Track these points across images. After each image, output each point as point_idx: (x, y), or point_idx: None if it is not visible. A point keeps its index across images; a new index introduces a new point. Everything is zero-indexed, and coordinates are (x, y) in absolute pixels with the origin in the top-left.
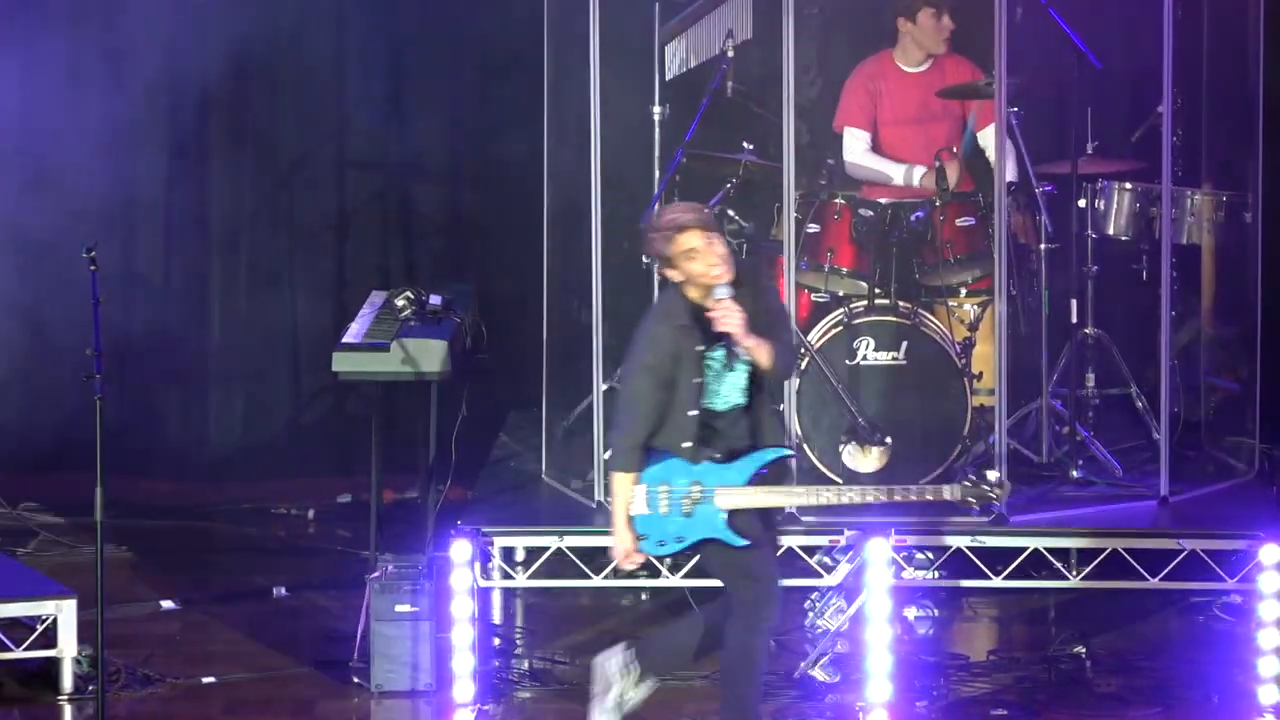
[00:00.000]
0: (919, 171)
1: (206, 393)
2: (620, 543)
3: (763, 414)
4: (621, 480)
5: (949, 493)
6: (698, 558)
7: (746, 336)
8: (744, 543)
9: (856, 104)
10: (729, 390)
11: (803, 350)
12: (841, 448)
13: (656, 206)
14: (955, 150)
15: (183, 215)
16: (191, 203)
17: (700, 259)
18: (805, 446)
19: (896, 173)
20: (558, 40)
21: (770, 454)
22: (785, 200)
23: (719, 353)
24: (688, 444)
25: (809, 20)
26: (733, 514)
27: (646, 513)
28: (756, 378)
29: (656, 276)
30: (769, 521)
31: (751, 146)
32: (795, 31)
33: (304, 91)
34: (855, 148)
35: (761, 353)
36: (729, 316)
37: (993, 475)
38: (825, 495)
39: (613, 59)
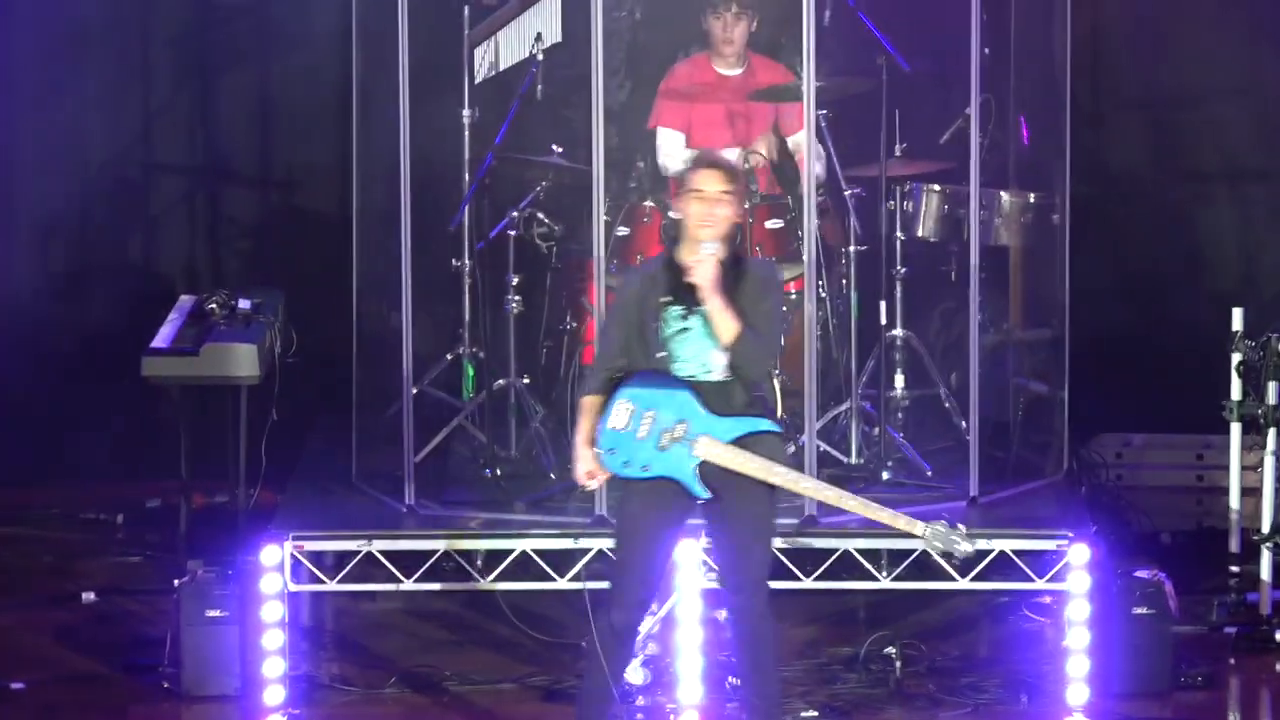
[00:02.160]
0: (746, 150)
1: (15, 395)
2: (581, 464)
3: (749, 394)
4: (583, 404)
5: (920, 529)
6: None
7: (714, 295)
8: (706, 495)
9: (671, 105)
10: (700, 355)
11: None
12: None
13: (465, 209)
14: (764, 152)
15: None
16: None
17: (699, 204)
18: None
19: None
20: (366, 41)
21: (763, 424)
22: (595, 204)
23: (680, 307)
24: None
25: (618, 23)
26: (705, 465)
27: (625, 430)
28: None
29: (465, 279)
30: (747, 498)
31: (561, 150)
32: (604, 34)
33: (110, 92)
34: (669, 148)
35: (724, 322)
36: (702, 265)
37: (962, 528)
38: (804, 484)
39: (422, 61)
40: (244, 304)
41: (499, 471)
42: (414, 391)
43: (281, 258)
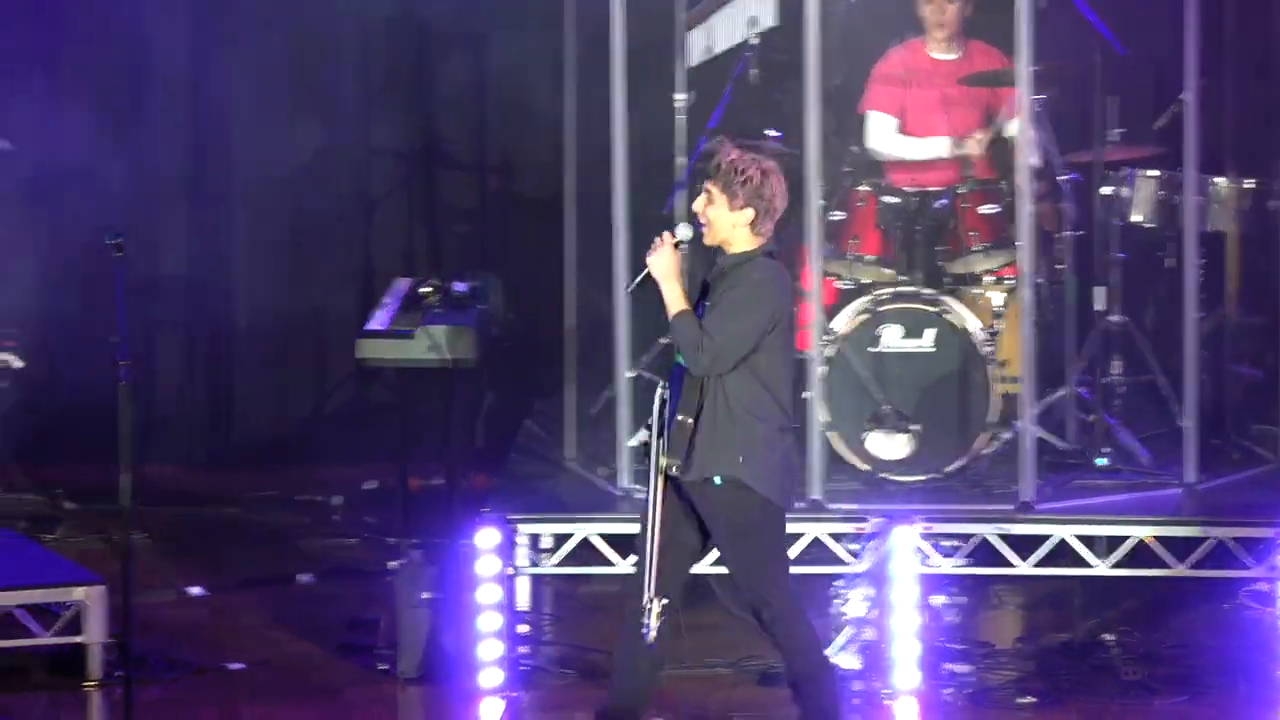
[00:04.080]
0: (946, 142)
1: (232, 379)
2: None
3: (712, 397)
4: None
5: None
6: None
7: (665, 279)
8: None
9: (883, 89)
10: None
11: (827, 338)
12: (866, 435)
13: (677, 194)
14: (980, 138)
15: (205, 202)
16: (216, 190)
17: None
18: (831, 434)
19: (923, 148)
20: (581, 25)
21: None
22: (809, 187)
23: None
24: None
25: (833, 6)
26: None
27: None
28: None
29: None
30: (707, 513)
31: (776, 134)
32: (820, 18)
33: (331, 78)
34: (880, 132)
35: (667, 299)
36: (658, 250)
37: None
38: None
39: (636, 46)
40: (459, 287)
41: None
42: (628, 375)
43: (497, 242)
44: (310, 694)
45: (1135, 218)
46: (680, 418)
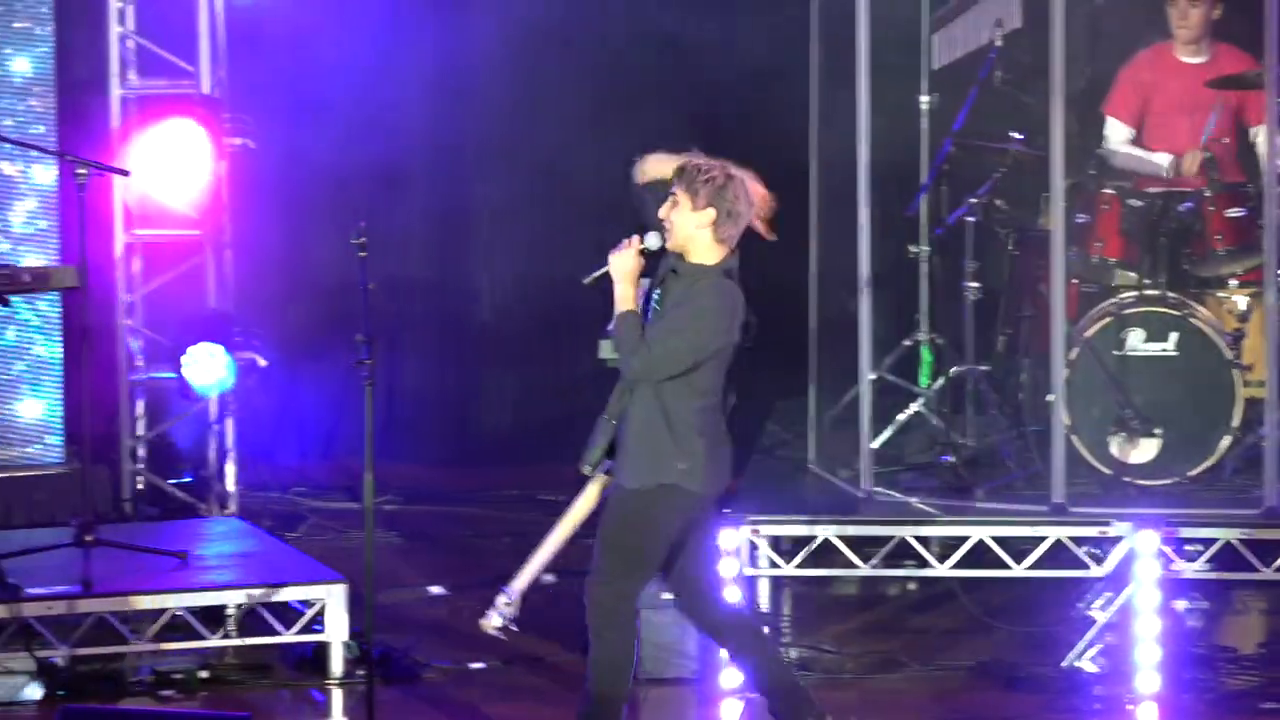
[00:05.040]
0: (1179, 159)
1: (476, 378)
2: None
3: (642, 403)
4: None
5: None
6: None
7: (621, 280)
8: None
9: (1124, 94)
10: None
11: (1070, 342)
12: (1110, 439)
13: (923, 195)
14: (1227, 141)
15: (447, 204)
16: (457, 190)
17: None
18: (1074, 438)
19: (1158, 163)
20: (826, 25)
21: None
22: (1053, 190)
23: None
24: None
25: (1079, 8)
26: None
27: None
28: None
29: (922, 265)
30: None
31: (1020, 136)
32: (1065, 20)
33: (570, 85)
34: (1114, 137)
35: (617, 298)
36: (622, 250)
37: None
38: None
39: (880, 47)
40: None
41: (957, 458)
42: (871, 377)
43: (739, 244)
44: (553, 693)
45: None
46: (605, 416)
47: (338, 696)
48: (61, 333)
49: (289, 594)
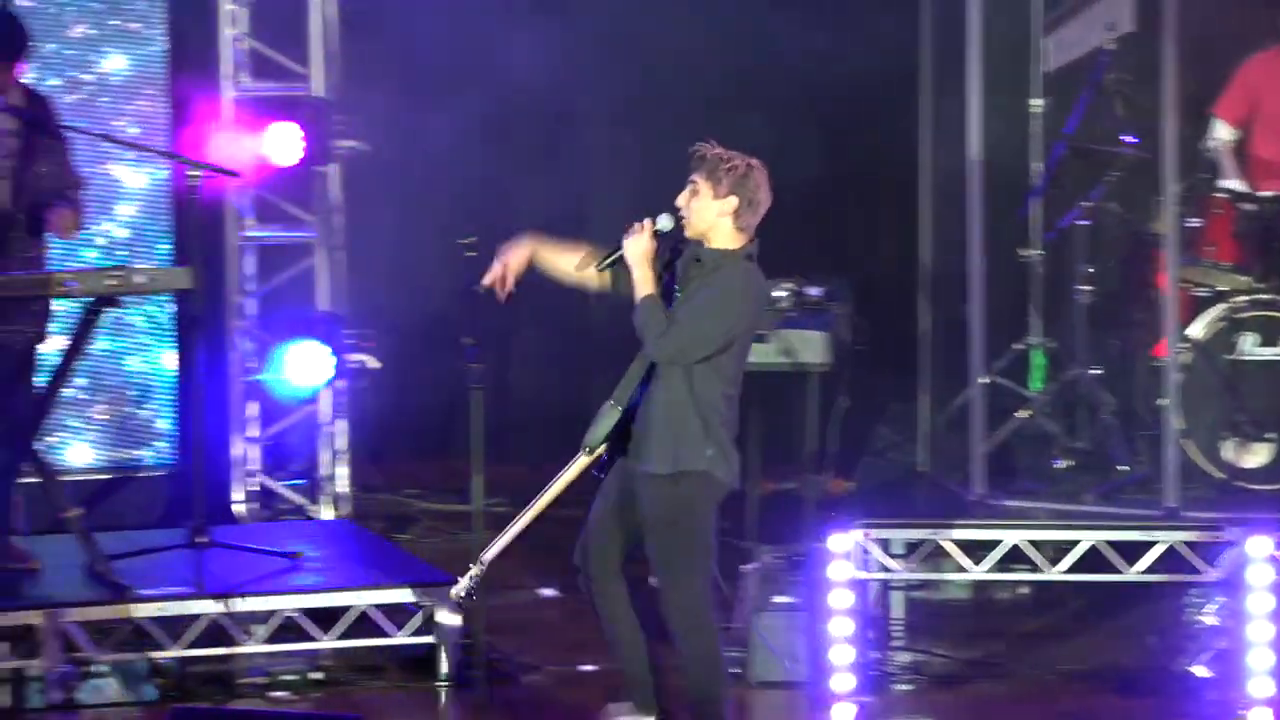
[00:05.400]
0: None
1: (585, 380)
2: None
3: (665, 385)
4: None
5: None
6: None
7: (637, 264)
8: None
9: (1233, 96)
10: None
11: (1183, 345)
12: (1222, 443)
13: (1036, 199)
14: None
15: (558, 208)
16: (553, 189)
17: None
18: (1185, 442)
19: (1229, 186)
20: (937, 27)
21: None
22: (1165, 194)
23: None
24: None
25: (1192, 11)
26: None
27: None
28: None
29: (1034, 269)
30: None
31: (1132, 139)
32: (1177, 23)
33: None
34: (1218, 138)
35: (636, 282)
36: (635, 234)
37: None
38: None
39: (992, 51)
40: (814, 291)
41: (1068, 463)
42: (983, 381)
43: (850, 245)
44: (662, 694)
45: None
46: (611, 401)
47: (448, 698)
48: (174, 335)
49: (399, 595)
